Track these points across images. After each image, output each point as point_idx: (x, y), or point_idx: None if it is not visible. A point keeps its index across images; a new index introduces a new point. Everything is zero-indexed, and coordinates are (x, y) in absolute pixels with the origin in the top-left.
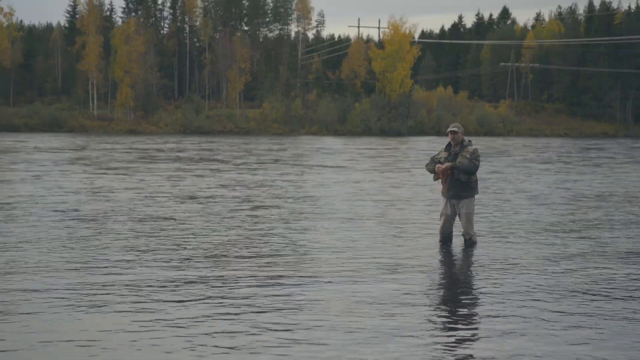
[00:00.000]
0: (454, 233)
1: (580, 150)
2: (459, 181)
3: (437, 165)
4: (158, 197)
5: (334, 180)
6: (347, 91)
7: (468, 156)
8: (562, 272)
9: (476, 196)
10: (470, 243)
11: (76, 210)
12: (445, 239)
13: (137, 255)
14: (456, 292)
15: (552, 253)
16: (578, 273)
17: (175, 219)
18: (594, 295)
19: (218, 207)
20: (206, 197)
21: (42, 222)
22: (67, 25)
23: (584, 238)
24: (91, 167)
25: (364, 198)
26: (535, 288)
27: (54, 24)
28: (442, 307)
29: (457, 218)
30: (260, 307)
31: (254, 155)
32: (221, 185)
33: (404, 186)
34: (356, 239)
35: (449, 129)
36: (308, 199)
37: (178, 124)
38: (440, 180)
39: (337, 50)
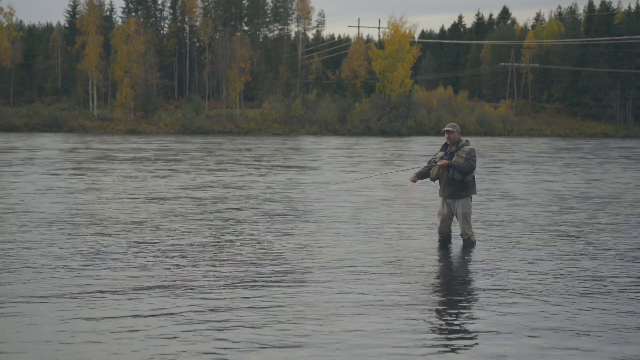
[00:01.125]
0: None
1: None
2: (454, 180)
3: (434, 168)
4: (105, 197)
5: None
6: (347, 91)
7: (464, 156)
8: (562, 272)
9: (473, 196)
10: (469, 243)
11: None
12: (445, 239)
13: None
14: (455, 292)
15: (551, 252)
16: (577, 272)
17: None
18: (593, 294)
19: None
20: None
21: None
22: (67, 25)
23: (577, 238)
24: (45, 168)
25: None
26: (535, 288)
27: (54, 24)
28: (442, 307)
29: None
30: (256, 309)
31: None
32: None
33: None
34: (356, 239)
35: (444, 129)
36: (284, 199)
37: (178, 124)
38: (438, 181)
39: (337, 50)
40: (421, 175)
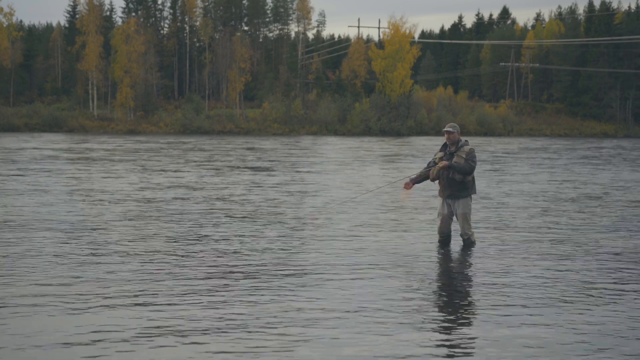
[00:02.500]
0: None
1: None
2: (454, 181)
3: (431, 170)
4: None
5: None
6: (347, 91)
7: (464, 156)
8: (561, 272)
9: (473, 196)
10: (468, 243)
11: None
12: (445, 239)
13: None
14: (455, 293)
15: (549, 253)
16: (575, 272)
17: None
18: (591, 293)
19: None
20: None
21: None
22: (67, 25)
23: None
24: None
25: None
26: (535, 287)
27: (54, 24)
28: (441, 307)
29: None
30: (255, 308)
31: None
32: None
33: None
34: (355, 239)
35: (444, 129)
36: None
37: (178, 124)
38: (438, 182)
39: (337, 50)
40: (418, 179)
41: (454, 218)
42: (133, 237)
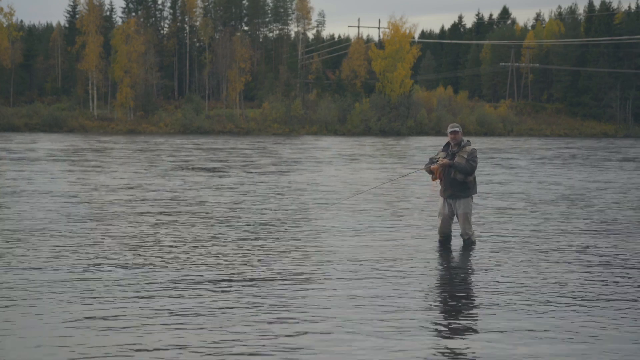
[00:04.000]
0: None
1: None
2: (455, 181)
3: (433, 166)
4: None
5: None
6: (347, 91)
7: (465, 156)
8: (559, 272)
9: (474, 196)
10: (469, 243)
11: None
12: (445, 239)
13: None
14: (454, 292)
15: (547, 253)
16: (575, 273)
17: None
18: (590, 293)
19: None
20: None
21: None
22: (67, 25)
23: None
24: None
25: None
26: (534, 287)
27: (54, 24)
28: (441, 306)
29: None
30: (256, 307)
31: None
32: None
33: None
34: (355, 239)
35: (450, 129)
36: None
37: (178, 124)
38: (439, 181)
39: (337, 50)
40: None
41: (455, 218)
42: (87, 239)
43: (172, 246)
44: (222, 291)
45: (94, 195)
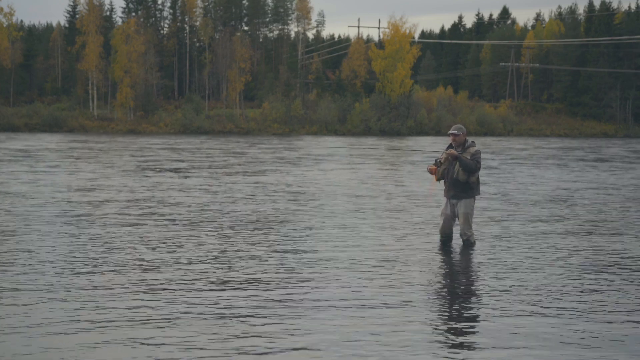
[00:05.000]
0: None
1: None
2: (458, 181)
3: (430, 166)
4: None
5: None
6: (347, 91)
7: (469, 157)
8: (559, 272)
9: (477, 197)
10: (468, 244)
11: None
12: (446, 239)
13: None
14: (455, 293)
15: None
16: (574, 273)
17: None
18: (591, 293)
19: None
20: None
21: None
22: (67, 25)
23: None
24: None
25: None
26: (534, 287)
27: (54, 24)
28: (441, 307)
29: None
30: (255, 307)
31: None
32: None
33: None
34: (356, 238)
35: (450, 132)
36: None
37: (178, 124)
38: (442, 181)
39: (337, 50)
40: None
41: (456, 219)
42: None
43: (135, 249)
44: (220, 284)
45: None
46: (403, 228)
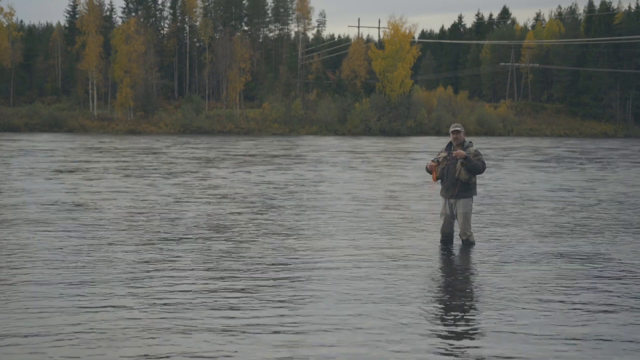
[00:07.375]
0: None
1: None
2: (458, 181)
3: (430, 163)
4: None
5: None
6: (347, 91)
7: (471, 157)
8: (559, 272)
9: (474, 197)
10: (468, 243)
11: None
12: (446, 239)
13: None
14: (455, 292)
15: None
16: (574, 273)
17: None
18: (591, 293)
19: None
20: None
21: None
22: (67, 25)
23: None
24: None
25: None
26: (534, 286)
27: (54, 24)
28: (441, 306)
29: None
30: (256, 305)
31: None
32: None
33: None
34: (356, 238)
35: (452, 129)
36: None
37: (178, 124)
38: (440, 181)
39: (337, 50)
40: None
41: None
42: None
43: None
44: (220, 288)
45: None
46: (403, 228)
